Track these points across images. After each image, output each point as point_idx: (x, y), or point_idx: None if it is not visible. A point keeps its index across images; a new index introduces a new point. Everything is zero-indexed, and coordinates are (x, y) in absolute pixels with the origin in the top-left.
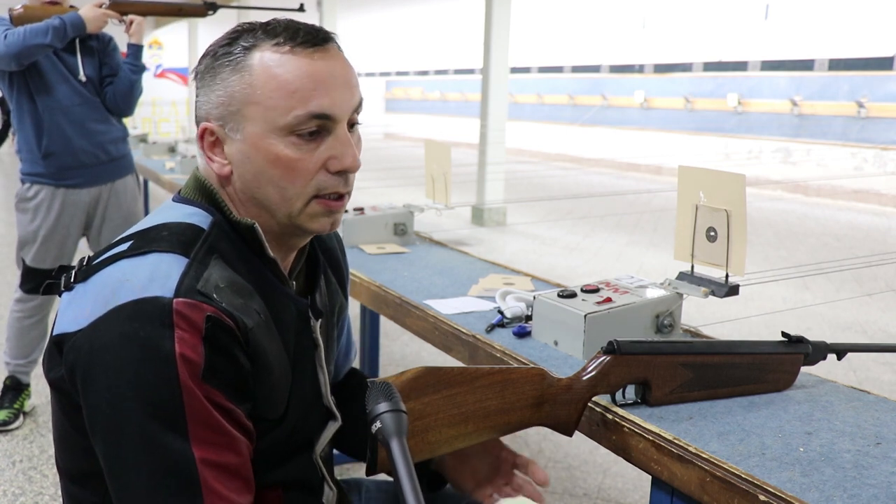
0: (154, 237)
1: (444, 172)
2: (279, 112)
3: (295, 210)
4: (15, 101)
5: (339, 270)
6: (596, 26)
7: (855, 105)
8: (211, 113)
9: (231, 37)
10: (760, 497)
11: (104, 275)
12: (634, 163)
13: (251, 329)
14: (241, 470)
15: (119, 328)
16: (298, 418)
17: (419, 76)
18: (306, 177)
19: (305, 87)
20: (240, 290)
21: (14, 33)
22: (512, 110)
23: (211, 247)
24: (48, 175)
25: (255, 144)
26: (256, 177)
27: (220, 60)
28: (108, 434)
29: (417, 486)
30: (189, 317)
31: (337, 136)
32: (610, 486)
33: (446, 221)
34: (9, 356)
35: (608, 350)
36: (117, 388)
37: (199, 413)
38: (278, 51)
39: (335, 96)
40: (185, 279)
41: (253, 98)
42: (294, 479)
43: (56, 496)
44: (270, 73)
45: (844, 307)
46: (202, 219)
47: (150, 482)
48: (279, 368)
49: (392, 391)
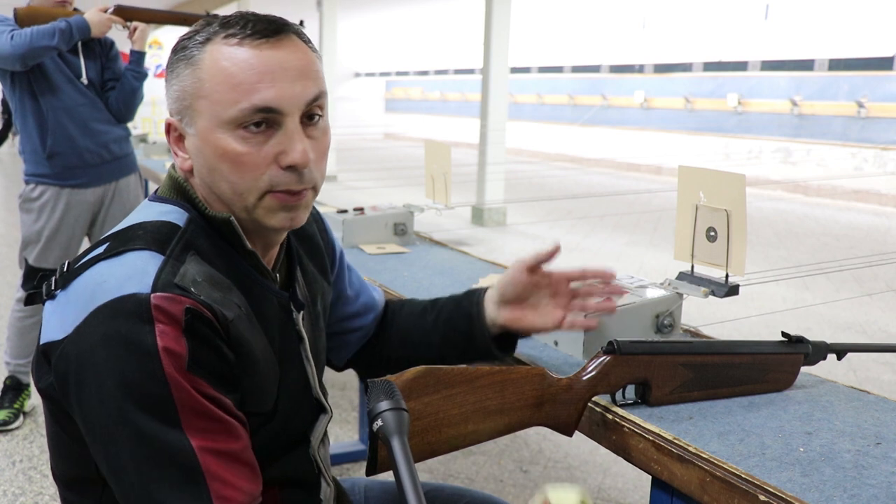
0: (130, 237)
1: (444, 172)
2: (224, 105)
3: (249, 204)
4: (18, 101)
5: (318, 255)
6: (596, 26)
7: (855, 105)
8: (171, 107)
9: (193, 31)
10: (760, 497)
11: (83, 279)
12: (634, 163)
13: (231, 321)
14: (242, 455)
15: (101, 329)
16: (289, 412)
17: (419, 76)
18: (255, 171)
19: (249, 80)
20: (217, 284)
21: (21, 34)
22: (512, 110)
23: (187, 243)
24: (53, 175)
25: (205, 138)
26: (210, 171)
27: (178, 55)
28: (105, 436)
29: (419, 484)
30: (168, 310)
31: (286, 131)
32: (610, 486)
33: (446, 221)
34: (9, 356)
35: (608, 350)
36: (107, 388)
37: (189, 403)
38: (228, 43)
39: (283, 88)
40: (161, 274)
41: (202, 92)
42: (291, 476)
43: (56, 496)
44: (218, 66)
45: (844, 307)
46: (178, 216)
47: (152, 477)
48: (265, 361)
49: (393, 389)
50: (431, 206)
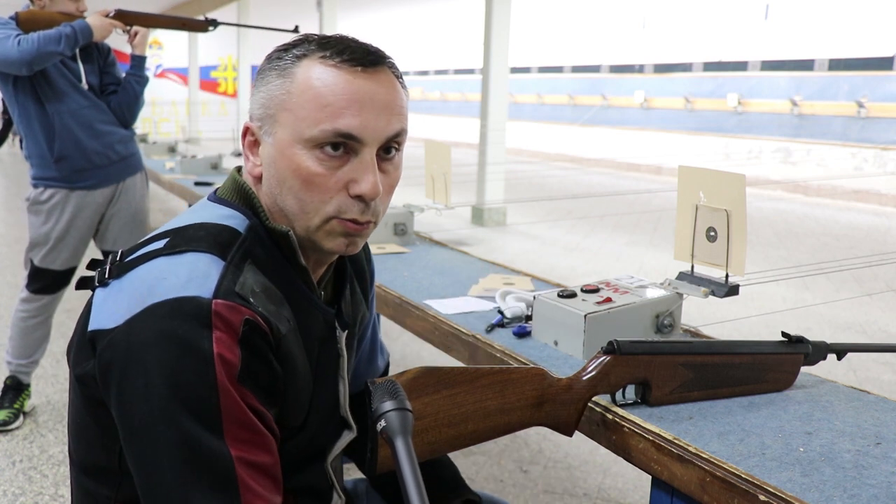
0: (191, 236)
1: (444, 172)
2: (307, 123)
3: (312, 226)
4: (20, 106)
5: (363, 280)
6: (596, 26)
7: (855, 105)
8: (254, 113)
9: (290, 43)
10: (760, 497)
11: (141, 271)
12: (634, 163)
13: (284, 335)
14: (273, 469)
15: (157, 326)
16: (317, 427)
17: (419, 76)
18: (325, 194)
19: (338, 104)
20: (272, 297)
21: (27, 40)
22: (512, 110)
23: (247, 251)
24: (61, 178)
25: (281, 150)
26: (280, 183)
27: (271, 63)
28: (144, 431)
29: (422, 485)
30: (227, 318)
31: (361, 160)
32: (610, 486)
33: (446, 221)
34: (10, 356)
35: (608, 350)
36: (155, 385)
37: (234, 413)
38: (324, 63)
39: (367, 119)
40: (223, 281)
41: (288, 104)
42: (305, 487)
43: (56, 496)
44: (310, 83)
45: (844, 307)
46: (239, 222)
47: (186, 479)
48: (303, 377)
49: (398, 389)
50: (431, 206)
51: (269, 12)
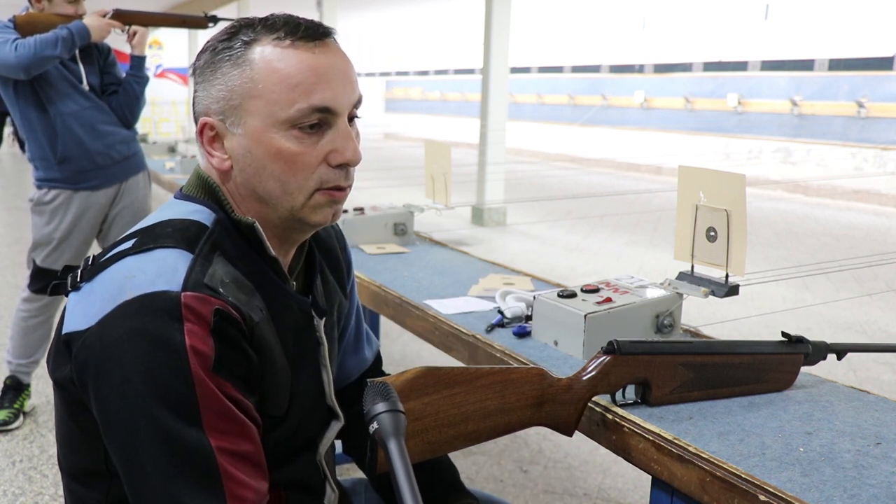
0: (158, 234)
1: (444, 172)
2: (281, 105)
3: (298, 204)
4: (20, 110)
5: (338, 269)
6: (596, 26)
7: (855, 105)
8: (210, 108)
9: (230, 31)
10: (760, 497)
11: (111, 272)
12: (634, 163)
13: (257, 324)
14: (256, 457)
15: (129, 323)
16: (302, 417)
17: (419, 76)
18: (308, 170)
19: (308, 81)
20: (243, 287)
21: (24, 44)
22: (512, 110)
23: (214, 243)
24: (64, 180)
25: (256, 138)
26: (258, 171)
27: (220, 55)
28: (123, 429)
29: (415, 486)
30: (197, 310)
31: (338, 130)
32: (610, 486)
33: (446, 221)
34: (11, 355)
35: (608, 350)
36: (130, 382)
37: (211, 403)
38: (279, 45)
39: (337, 90)
40: (192, 273)
41: (254, 92)
42: (296, 480)
43: (56, 496)
44: (272, 66)
45: (844, 307)
46: (205, 216)
47: (168, 473)
48: (281, 366)
49: (389, 391)
50: (431, 206)
51: (269, 11)
